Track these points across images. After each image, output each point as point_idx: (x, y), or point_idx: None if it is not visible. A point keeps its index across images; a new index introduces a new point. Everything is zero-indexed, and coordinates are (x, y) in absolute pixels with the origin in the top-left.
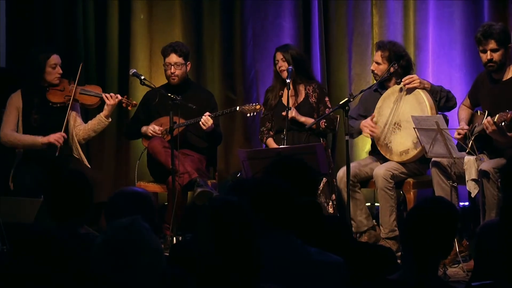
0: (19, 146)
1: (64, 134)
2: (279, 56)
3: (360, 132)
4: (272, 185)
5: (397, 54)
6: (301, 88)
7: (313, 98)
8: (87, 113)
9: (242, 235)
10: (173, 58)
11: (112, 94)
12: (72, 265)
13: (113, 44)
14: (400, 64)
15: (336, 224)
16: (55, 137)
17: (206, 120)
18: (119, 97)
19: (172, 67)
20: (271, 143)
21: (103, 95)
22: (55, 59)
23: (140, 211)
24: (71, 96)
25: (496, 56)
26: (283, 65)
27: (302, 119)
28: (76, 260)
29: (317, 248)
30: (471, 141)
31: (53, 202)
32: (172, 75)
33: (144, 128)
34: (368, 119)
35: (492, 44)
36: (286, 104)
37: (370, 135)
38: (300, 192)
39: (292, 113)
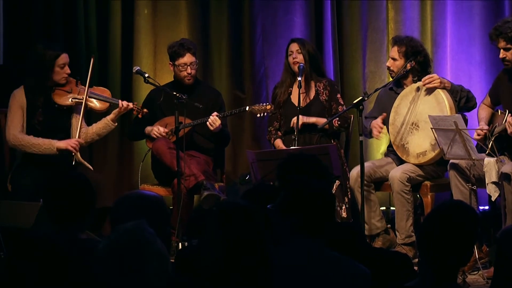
0: (31, 150)
1: (80, 140)
2: (294, 47)
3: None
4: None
5: (414, 49)
6: (311, 86)
7: (324, 96)
8: (90, 115)
9: (251, 241)
10: (189, 58)
11: (124, 102)
12: (72, 271)
13: (115, 40)
14: (418, 60)
15: (349, 231)
16: (72, 144)
17: (214, 120)
18: (131, 105)
19: (189, 67)
20: (280, 144)
21: (120, 101)
22: (64, 58)
23: (147, 216)
24: (80, 99)
25: (510, 54)
26: (298, 57)
27: (312, 120)
28: (76, 266)
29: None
30: (491, 142)
31: (52, 206)
32: (189, 76)
33: (148, 129)
34: (378, 118)
35: (502, 43)
36: (295, 103)
37: (376, 136)
38: None
39: (303, 119)
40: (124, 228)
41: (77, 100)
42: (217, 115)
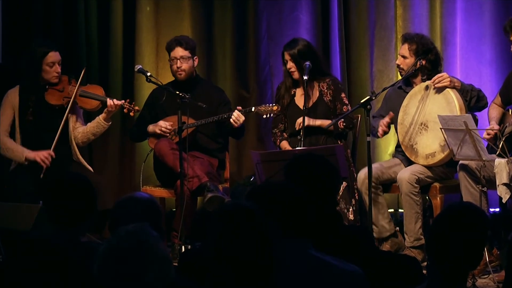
0: (7, 155)
1: (52, 153)
2: (286, 56)
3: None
4: (285, 190)
5: (425, 47)
6: (314, 87)
7: (328, 96)
8: (90, 114)
9: (256, 244)
10: (179, 51)
11: (114, 100)
12: (73, 274)
13: (117, 38)
14: (428, 58)
15: (357, 234)
16: (42, 156)
17: (238, 117)
18: (119, 102)
19: (178, 61)
20: (286, 146)
21: (108, 100)
22: (52, 56)
23: (147, 218)
24: (70, 98)
25: None
26: (292, 66)
27: (318, 122)
28: (77, 269)
29: (336, 257)
30: (501, 142)
31: (52, 207)
32: (179, 70)
33: (151, 127)
34: (386, 117)
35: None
36: (299, 105)
37: (381, 134)
38: (321, 196)
39: (309, 121)
40: (126, 230)
41: (67, 99)
42: (240, 111)
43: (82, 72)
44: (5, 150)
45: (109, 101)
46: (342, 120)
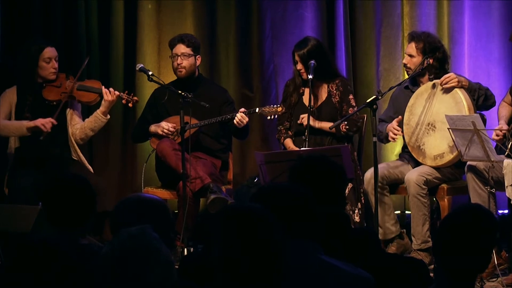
0: (5, 133)
1: (53, 121)
2: (296, 57)
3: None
4: (291, 192)
5: (432, 45)
6: (323, 88)
7: (337, 97)
8: (90, 111)
9: (261, 246)
10: (180, 48)
11: (111, 89)
12: (73, 278)
13: (118, 36)
14: (436, 56)
15: (364, 236)
16: (43, 121)
17: (242, 119)
18: (117, 92)
19: (179, 58)
20: (289, 144)
21: (103, 89)
22: (49, 52)
23: (151, 220)
24: (68, 93)
25: None
26: (302, 67)
27: (317, 125)
28: (77, 272)
29: (343, 260)
30: (510, 143)
31: (52, 209)
32: (179, 67)
33: (153, 128)
34: (394, 121)
35: None
36: (306, 104)
37: (392, 138)
38: (327, 197)
39: (312, 121)
40: (128, 233)
41: (65, 94)
42: (243, 112)
43: (84, 63)
44: (3, 129)
45: (105, 89)
46: (345, 123)
